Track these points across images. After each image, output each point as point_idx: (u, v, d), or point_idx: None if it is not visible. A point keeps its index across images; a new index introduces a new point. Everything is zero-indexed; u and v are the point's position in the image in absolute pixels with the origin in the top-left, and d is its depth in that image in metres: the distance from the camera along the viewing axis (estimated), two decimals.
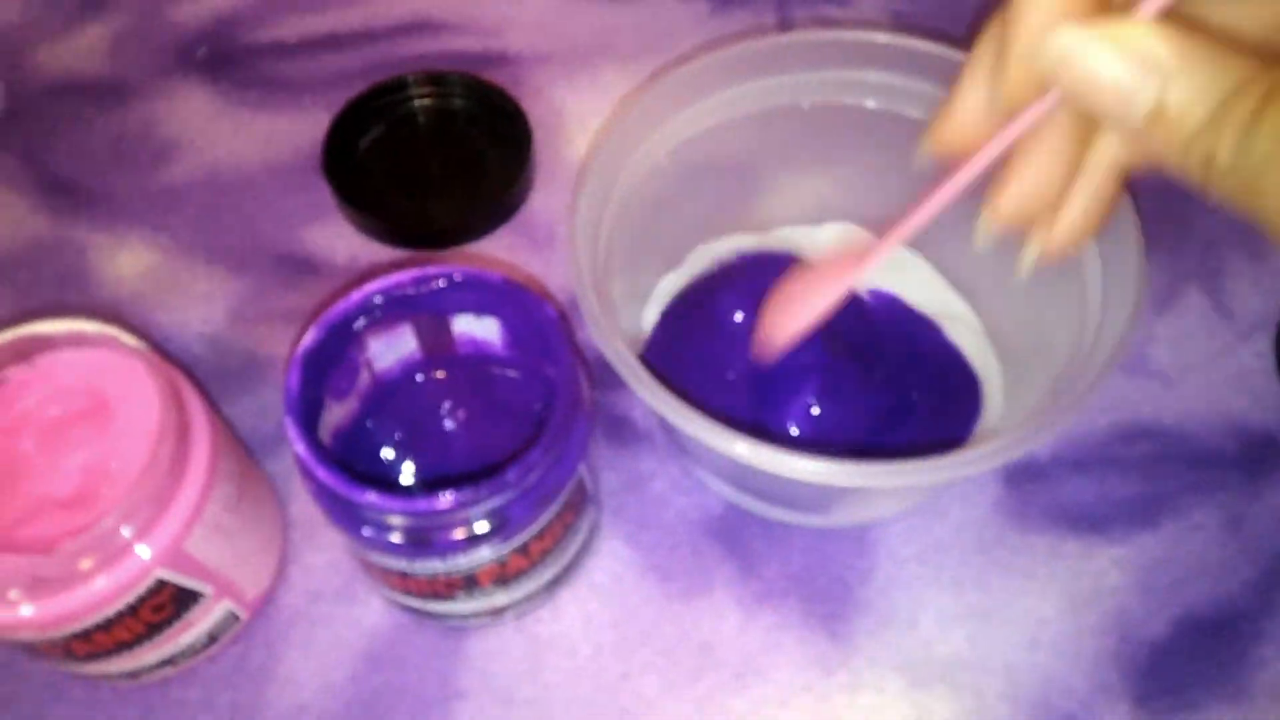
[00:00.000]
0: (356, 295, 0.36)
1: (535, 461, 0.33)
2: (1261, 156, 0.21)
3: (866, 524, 0.42)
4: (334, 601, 0.40)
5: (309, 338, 0.35)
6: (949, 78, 0.39)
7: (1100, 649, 0.39)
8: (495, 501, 0.33)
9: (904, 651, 0.39)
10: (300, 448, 0.33)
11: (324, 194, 0.50)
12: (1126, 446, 0.43)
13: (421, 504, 0.32)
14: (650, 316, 0.45)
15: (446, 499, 0.32)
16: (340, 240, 0.50)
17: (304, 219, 0.50)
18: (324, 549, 0.41)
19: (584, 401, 0.36)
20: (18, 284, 0.49)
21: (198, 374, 0.45)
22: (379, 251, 0.49)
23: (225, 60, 0.56)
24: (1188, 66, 0.23)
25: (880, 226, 0.32)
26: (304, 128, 0.53)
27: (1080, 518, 0.42)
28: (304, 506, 0.42)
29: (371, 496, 0.32)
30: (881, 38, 0.40)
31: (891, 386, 0.41)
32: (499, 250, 0.49)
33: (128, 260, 0.49)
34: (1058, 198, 0.28)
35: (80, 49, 0.57)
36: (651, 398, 0.34)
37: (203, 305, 0.48)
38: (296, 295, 0.48)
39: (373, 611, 0.40)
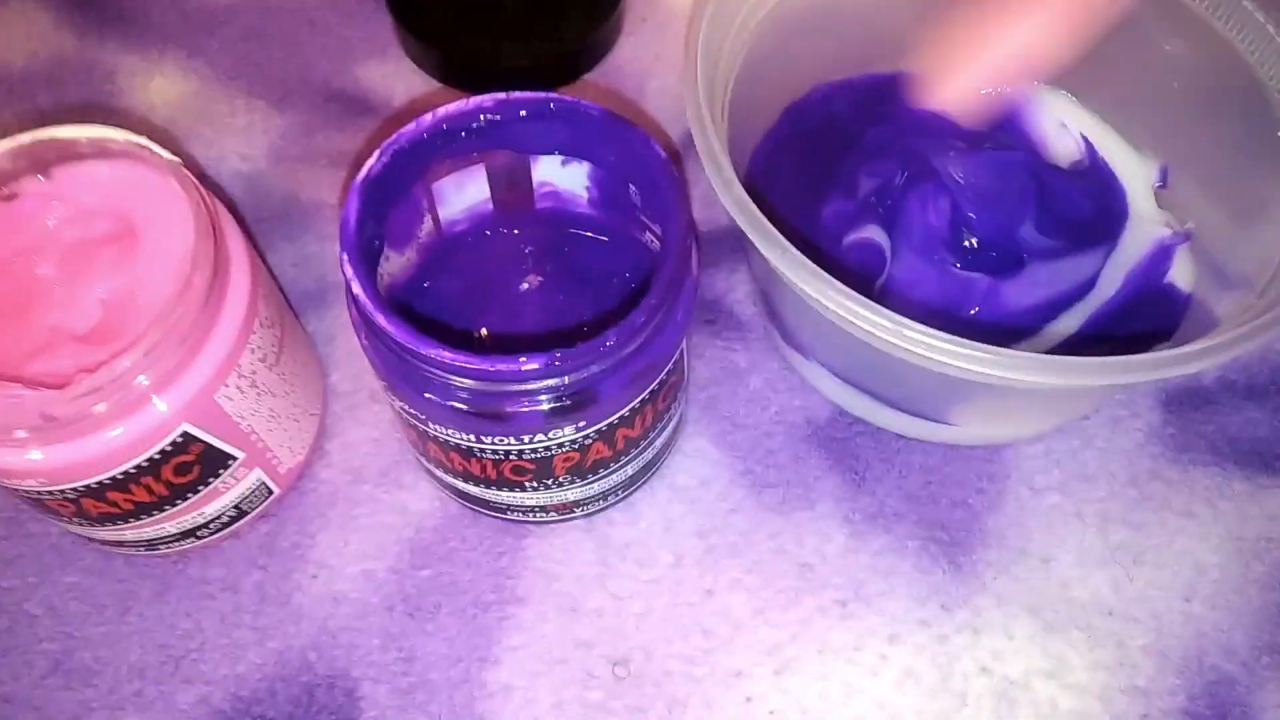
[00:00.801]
0: (428, 118, 0.30)
1: (638, 327, 0.27)
2: None
3: (999, 444, 0.36)
4: (377, 483, 0.35)
5: (372, 163, 0.29)
6: None
7: (1267, 604, 0.33)
8: (586, 371, 0.27)
9: (1036, 591, 0.34)
10: (358, 287, 0.27)
11: (383, 27, 0.44)
12: None
13: (501, 365, 0.26)
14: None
15: (531, 362, 0.26)
16: (399, 80, 0.43)
17: (360, 53, 0.44)
18: (368, 424, 0.36)
19: (694, 263, 0.30)
20: (39, 105, 0.43)
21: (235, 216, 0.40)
22: (442, 94, 0.43)
23: None
24: None
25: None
26: None
27: (1251, 453, 0.36)
28: (346, 375, 0.37)
29: (442, 351, 0.26)
30: None
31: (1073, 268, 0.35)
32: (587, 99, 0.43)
33: (160, 86, 0.43)
34: None
35: None
36: (781, 259, 0.27)
37: (241, 140, 0.42)
38: (346, 136, 0.42)
39: (421, 497, 0.35)
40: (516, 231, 0.35)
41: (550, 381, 0.27)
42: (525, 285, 0.35)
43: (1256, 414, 0.36)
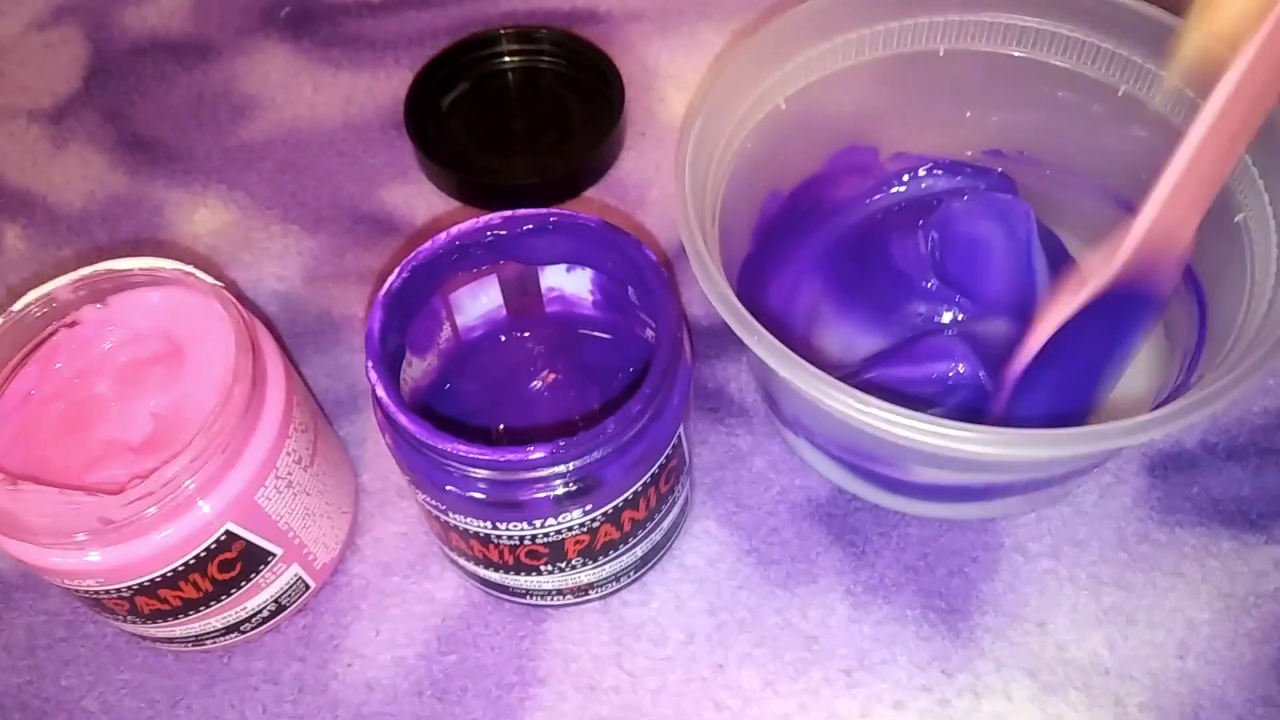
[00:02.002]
0: (443, 236, 0.33)
1: (635, 414, 0.29)
2: None
3: (991, 516, 0.38)
4: (406, 575, 0.37)
5: (393, 279, 0.32)
6: (1107, 26, 0.37)
7: (1260, 658, 0.35)
8: (590, 458, 0.29)
9: (1034, 654, 0.35)
10: (382, 391, 0.30)
11: (404, 153, 0.48)
12: None
13: (511, 455, 0.29)
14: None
15: (539, 450, 0.28)
16: (420, 200, 0.47)
17: (384, 178, 0.48)
18: (396, 520, 0.38)
19: (686, 354, 0.32)
20: (95, 239, 0.47)
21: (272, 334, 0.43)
22: (461, 213, 0.47)
23: (307, 19, 0.54)
24: None
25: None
26: (386, 86, 0.50)
27: (1236, 512, 0.37)
28: (376, 475, 0.40)
29: (458, 445, 0.29)
30: None
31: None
32: (589, 211, 0.46)
33: (204, 216, 0.47)
34: None
35: (165, 8, 0.55)
36: (766, 352, 0.30)
37: (278, 263, 0.45)
38: (373, 255, 0.45)
39: (447, 587, 0.37)
40: (528, 334, 0.38)
41: (557, 469, 0.29)
42: (538, 383, 0.38)
43: (1238, 474, 0.38)
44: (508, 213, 0.34)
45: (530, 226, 0.34)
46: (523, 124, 0.49)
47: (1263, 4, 0.25)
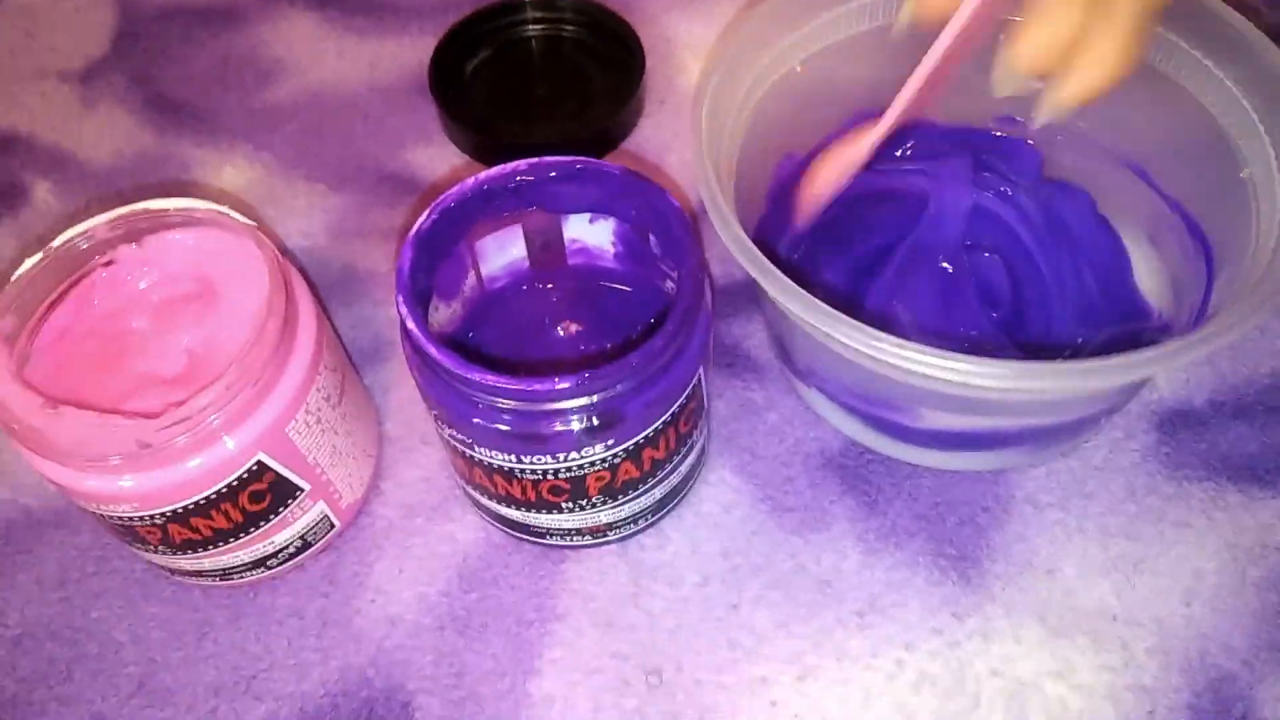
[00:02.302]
0: (471, 180, 0.34)
1: (658, 350, 0.30)
2: None
3: (1001, 469, 0.38)
4: (429, 516, 0.38)
5: (423, 220, 0.33)
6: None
7: (1265, 605, 0.35)
8: (613, 391, 0.30)
9: (1043, 600, 0.36)
10: (413, 324, 0.31)
11: (427, 116, 0.49)
12: None
13: (536, 385, 0.29)
14: None
15: (564, 381, 0.29)
16: (443, 161, 0.48)
17: (407, 140, 0.49)
18: (420, 465, 0.39)
19: (708, 298, 0.33)
20: (123, 194, 0.48)
21: None
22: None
23: None
24: None
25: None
26: (410, 52, 0.51)
27: (1243, 468, 0.38)
28: (399, 423, 0.40)
29: (486, 375, 0.29)
30: None
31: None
32: None
33: (230, 174, 0.48)
34: (1077, 41, 0.27)
35: None
36: (781, 293, 0.31)
37: (303, 218, 0.46)
38: (397, 213, 0.46)
39: (468, 528, 0.38)
40: (551, 285, 0.39)
41: (580, 400, 0.30)
42: (559, 333, 0.39)
43: (1246, 431, 0.39)
44: (535, 159, 0.35)
45: (556, 173, 0.35)
46: (544, 90, 0.50)
47: None
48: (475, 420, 0.31)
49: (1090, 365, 0.29)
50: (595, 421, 0.31)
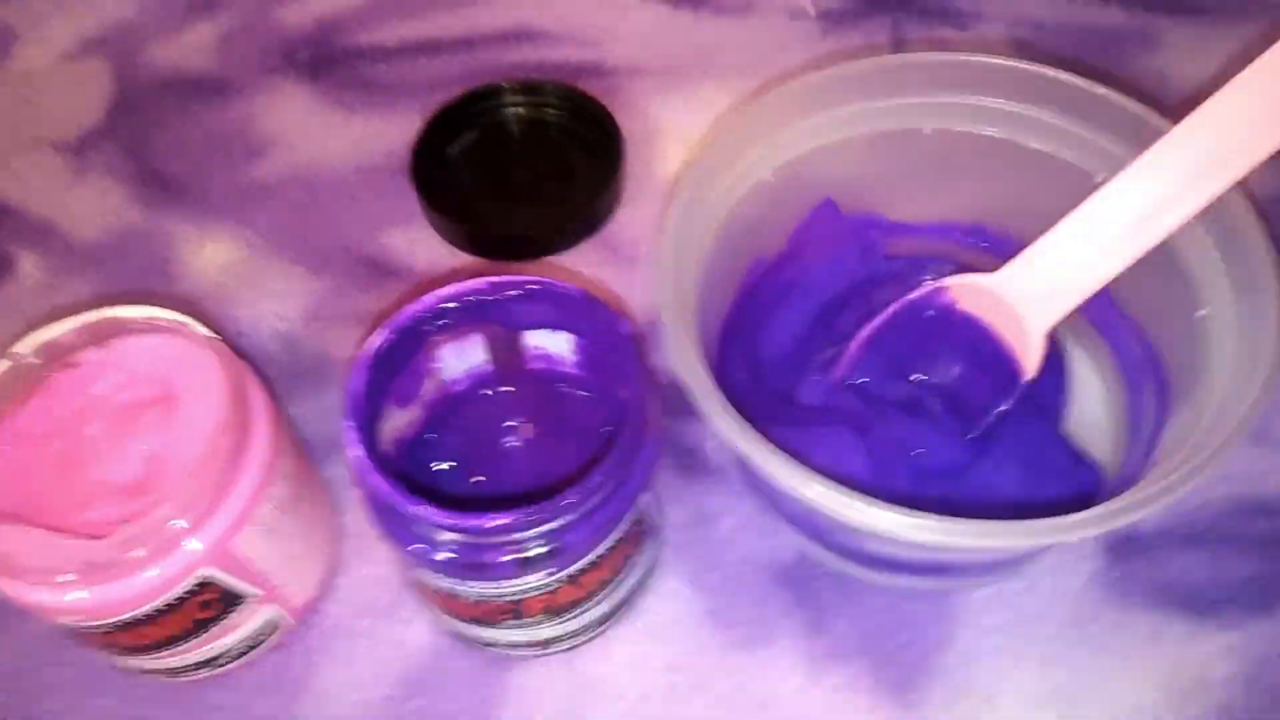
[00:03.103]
0: (429, 299, 0.35)
1: (595, 486, 0.31)
2: None
3: (949, 589, 0.39)
4: (380, 618, 0.39)
5: (378, 339, 0.34)
6: (1074, 106, 0.38)
7: None
8: (550, 525, 0.31)
9: None
10: (356, 451, 0.31)
11: (410, 199, 0.49)
12: (1245, 522, 0.39)
13: (473, 521, 0.30)
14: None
15: (499, 519, 0.30)
16: (422, 246, 0.49)
17: (388, 223, 0.49)
18: (375, 563, 0.40)
19: (652, 427, 0.34)
20: (106, 269, 0.49)
21: (269, 372, 0.45)
22: (460, 259, 0.48)
23: (325, 61, 0.56)
24: None
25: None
26: (397, 131, 0.52)
27: (1189, 598, 0.38)
28: (359, 517, 0.41)
29: (423, 509, 0.30)
30: (1003, 61, 0.38)
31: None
32: (583, 265, 0.48)
33: (212, 253, 0.49)
34: None
35: (189, 46, 0.57)
36: (727, 430, 0.31)
37: (280, 302, 0.47)
38: (373, 299, 0.47)
39: (418, 632, 0.38)
40: (512, 388, 0.40)
41: (518, 535, 0.31)
42: (519, 436, 0.39)
43: (1194, 560, 0.39)
44: (492, 278, 0.35)
45: (512, 293, 0.35)
46: (526, 174, 0.50)
47: None
48: (413, 546, 0.32)
49: (1013, 527, 0.29)
50: (535, 553, 0.31)
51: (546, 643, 0.36)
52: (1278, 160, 0.31)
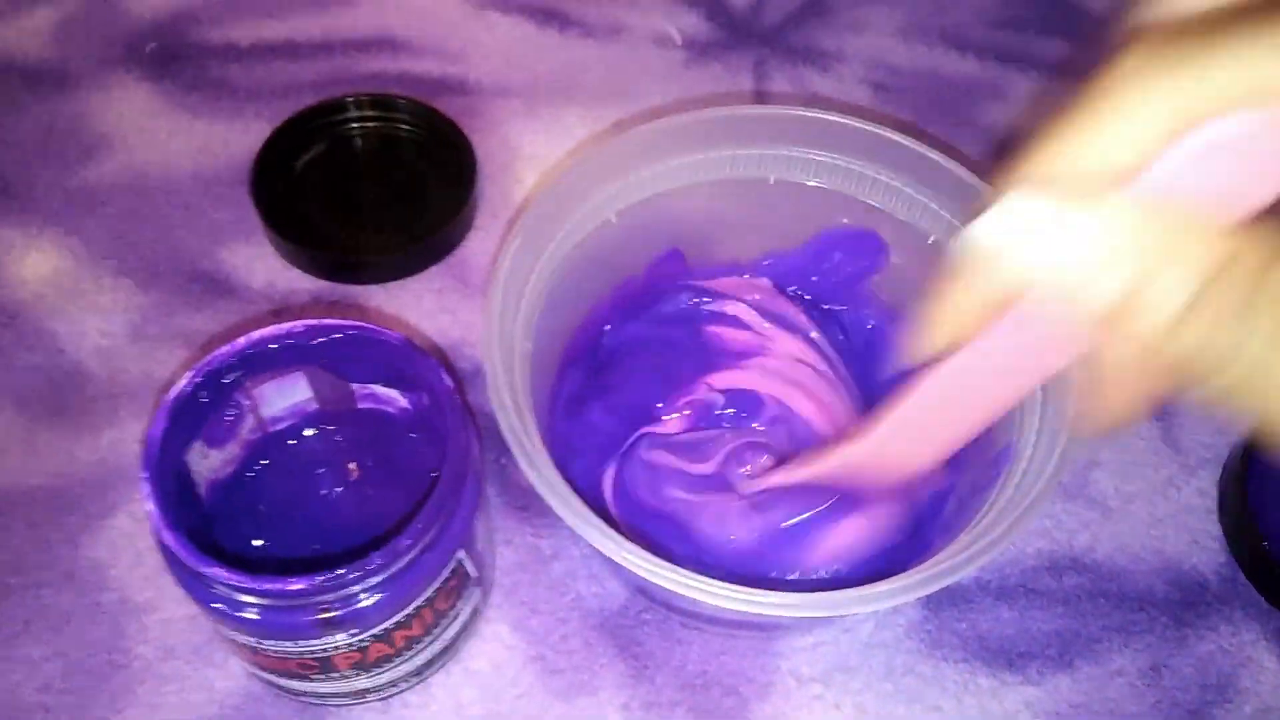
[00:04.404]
0: (240, 343, 0.33)
1: (402, 549, 0.30)
2: (1261, 346, 0.18)
3: (772, 631, 0.39)
4: (189, 659, 0.37)
5: (183, 384, 0.32)
6: (912, 168, 0.38)
7: None
8: (354, 589, 0.30)
9: None
10: (150, 505, 0.30)
11: (251, 212, 0.48)
12: (1054, 578, 0.41)
13: (270, 585, 0.29)
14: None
15: (297, 583, 0.29)
16: (260, 264, 0.47)
17: (227, 237, 0.48)
18: (185, 601, 0.38)
19: (469, 481, 0.33)
20: None
21: (87, 391, 0.43)
22: (299, 280, 0.47)
23: (173, 58, 0.53)
24: (1156, 245, 0.19)
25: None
26: (242, 139, 0.50)
27: (998, 651, 0.39)
28: None
29: (216, 570, 0.29)
30: (853, 123, 0.39)
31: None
32: (428, 291, 0.47)
33: (35, 261, 0.46)
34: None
35: (25, 31, 0.54)
36: (545, 489, 0.31)
37: (104, 317, 0.45)
38: (205, 318, 0.45)
39: (229, 676, 0.37)
40: (338, 428, 0.39)
41: (320, 598, 0.30)
42: (345, 477, 0.38)
43: (1006, 614, 0.40)
44: (309, 321, 0.34)
45: (334, 336, 0.34)
46: (374, 194, 0.49)
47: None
48: (213, 605, 0.30)
49: (809, 599, 0.30)
50: (336, 614, 0.30)
51: (361, 693, 0.36)
52: None
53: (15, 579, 0.39)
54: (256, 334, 0.34)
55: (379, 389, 0.38)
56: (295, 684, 0.34)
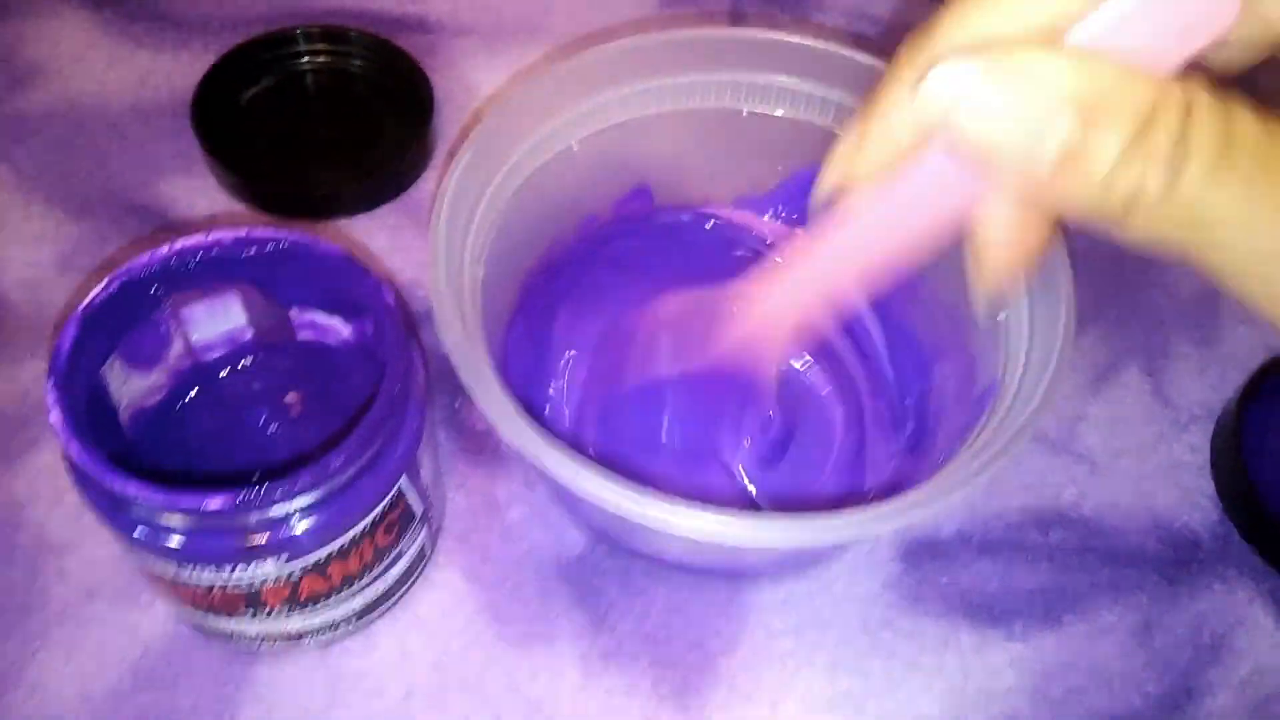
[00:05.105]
0: (162, 251, 0.31)
1: (335, 468, 0.27)
2: (1196, 182, 0.18)
3: (740, 582, 0.37)
4: (110, 602, 0.34)
5: (98, 291, 0.30)
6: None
7: None
8: (280, 510, 0.27)
9: None
10: (54, 416, 0.27)
11: (193, 145, 0.45)
12: (1040, 533, 0.39)
13: (189, 502, 0.26)
14: None
15: (218, 499, 0.26)
16: (203, 198, 0.44)
17: (166, 170, 0.45)
18: (109, 541, 0.35)
19: (413, 404, 0.30)
20: None
21: (10, 323, 0.40)
22: (244, 216, 0.44)
23: None
24: (1091, 97, 0.19)
25: None
26: (186, 71, 0.47)
27: (980, 606, 0.37)
28: None
29: (131, 487, 0.26)
30: (836, 48, 0.36)
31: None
32: (381, 229, 0.44)
33: None
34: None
35: None
36: (495, 415, 0.28)
37: (31, 247, 0.42)
38: (139, 250, 0.42)
39: (154, 619, 0.34)
40: (276, 358, 0.36)
41: (244, 518, 0.27)
42: (281, 413, 0.36)
43: (988, 568, 0.38)
44: (243, 231, 0.31)
45: (264, 249, 0.31)
46: (325, 130, 0.46)
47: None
48: (132, 527, 0.28)
49: (807, 522, 0.27)
50: (262, 540, 0.28)
51: (295, 636, 0.33)
52: None
53: None
54: (179, 243, 0.31)
55: (319, 316, 0.35)
56: (222, 623, 0.31)
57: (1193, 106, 0.19)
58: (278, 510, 0.27)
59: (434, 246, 0.31)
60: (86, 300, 0.29)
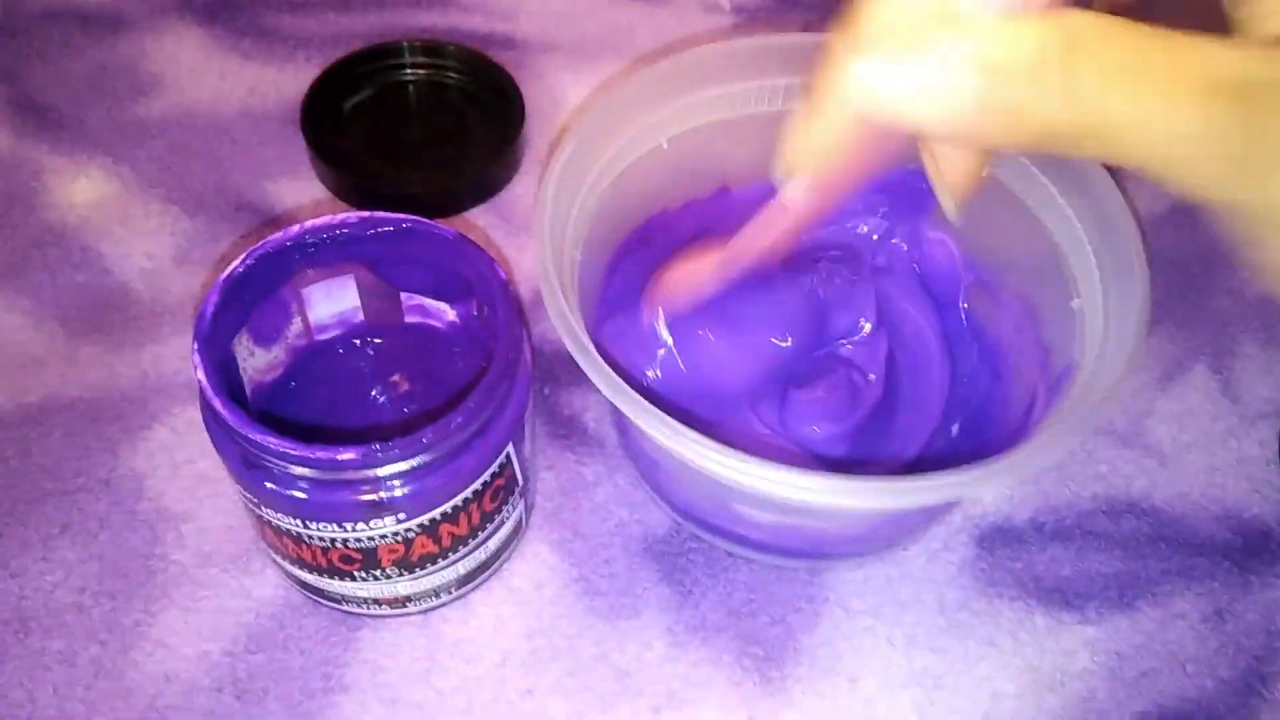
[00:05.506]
0: (295, 229, 0.33)
1: (453, 428, 0.29)
2: (1092, 96, 0.20)
3: (819, 566, 0.38)
4: (225, 567, 0.37)
5: (237, 264, 0.32)
6: None
7: None
8: (404, 464, 0.29)
9: (842, 709, 0.35)
10: (201, 374, 0.29)
11: (298, 150, 0.48)
12: (1111, 521, 0.40)
13: (323, 454, 0.28)
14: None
15: (349, 452, 0.28)
16: (307, 197, 0.47)
17: (274, 171, 0.47)
18: (224, 512, 0.38)
19: (521, 374, 0.32)
20: None
21: (130, 311, 0.43)
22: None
23: (225, 6, 0.54)
24: (988, 49, 0.21)
25: None
26: (292, 82, 0.50)
27: (1053, 590, 0.38)
28: (205, 465, 0.39)
29: (271, 439, 0.28)
30: None
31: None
32: (472, 228, 0.46)
33: (84, 187, 0.46)
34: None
35: None
36: (603, 383, 0.30)
37: (151, 240, 0.45)
38: (249, 244, 0.45)
39: (266, 584, 0.36)
40: (385, 340, 0.38)
41: (370, 473, 0.29)
42: (389, 392, 0.38)
43: (1061, 554, 0.39)
44: (364, 213, 0.34)
45: (384, 229, 0.34)
46: (421, 135, 0.49)
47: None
48: (264, 483, 0.30)
49: (896, 484, 0.28)
50: (384, 495, 0.30)
51: (401, 600, 0.35)
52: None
53: (52, 484, 0.38)
54: (310, 222, 0.33)
55: (427, 301, 0.37)
56: (336, 584, 0.33)
57: (1073, 32, 0.21)
58: (401, 465, 0.29)
59: (538, 223, 0.33)
60: (227, 271, 0.32)
